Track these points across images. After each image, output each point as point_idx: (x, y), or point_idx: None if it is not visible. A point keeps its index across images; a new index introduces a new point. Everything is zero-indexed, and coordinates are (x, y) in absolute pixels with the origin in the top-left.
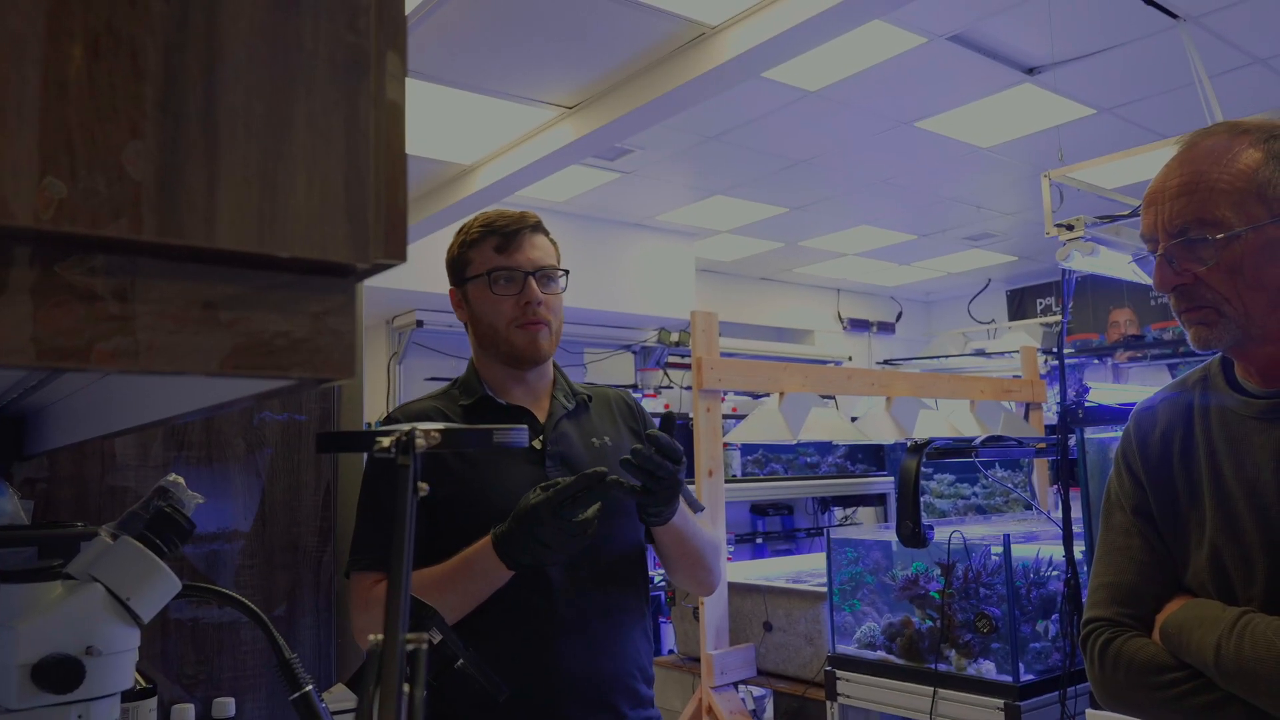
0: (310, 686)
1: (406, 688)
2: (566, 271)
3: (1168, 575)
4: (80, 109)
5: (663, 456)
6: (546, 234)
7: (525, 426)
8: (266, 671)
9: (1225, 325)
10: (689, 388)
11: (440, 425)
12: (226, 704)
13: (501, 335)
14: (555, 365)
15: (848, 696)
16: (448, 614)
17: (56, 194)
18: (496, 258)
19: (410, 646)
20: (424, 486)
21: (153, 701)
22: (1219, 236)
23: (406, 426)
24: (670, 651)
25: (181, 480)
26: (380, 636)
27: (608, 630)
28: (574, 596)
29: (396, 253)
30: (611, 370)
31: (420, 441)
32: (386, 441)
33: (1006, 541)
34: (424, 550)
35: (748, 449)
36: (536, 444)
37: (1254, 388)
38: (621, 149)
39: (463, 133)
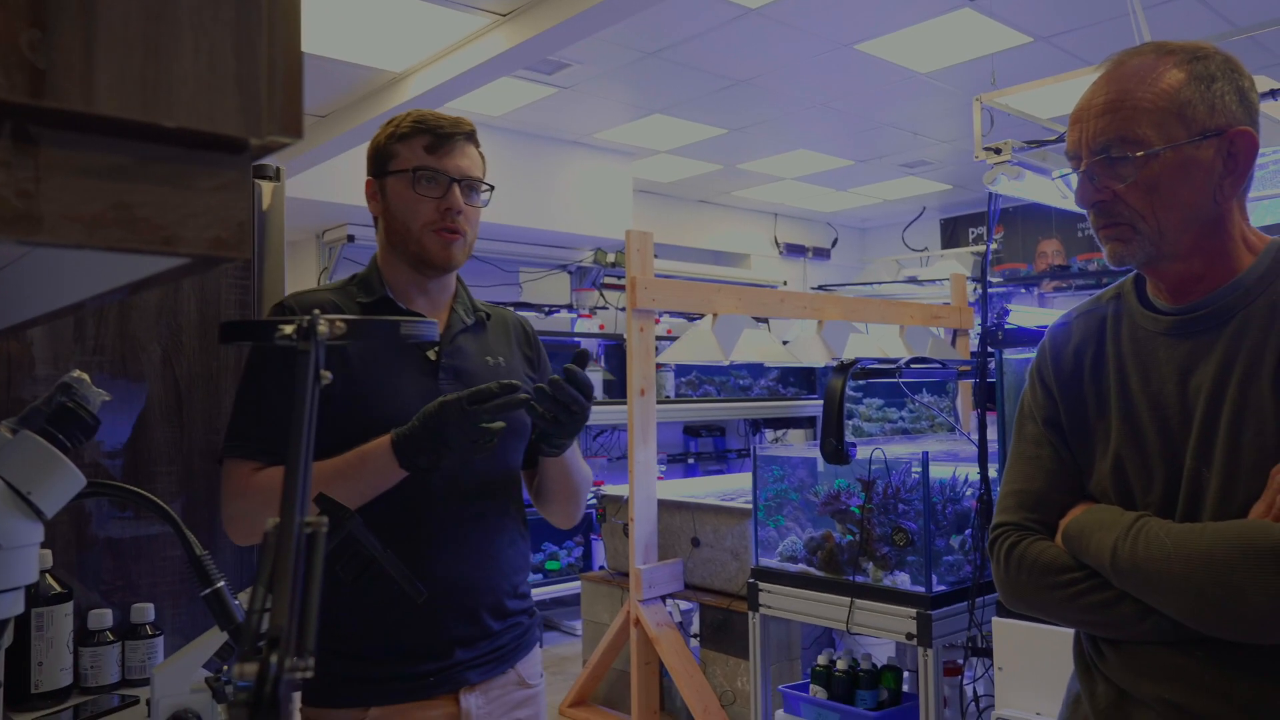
0: (222, 583)
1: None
2: (491, 187)
3: (1074, 483)
4: None
5: (576, 390)
6: (478, 146)
7: (435, 321)
8: (186, 580)
9: (1139, 242)
10: (624, 309)
11: (345, 316)
12: (145, 609)
13: (414, 236)
14: (459, 278)
15: (769, 607)
16: None
17: None
18: (425, 157)
19: (309, 530)
20: (327, 375)
21: (68, 606)
22: (1138, 154)
23: (309, 315)
24: (600, 567)
25: (86, 376)
26: (278, 520)
27: (480, 542)
28: (451, 505)
29: (292, 129)
30: (547, 290)
31: (323, 328)
32: (289, 329)
33: (925, 459)
34: None
35: (681, 370)
36: (431, 355)
37: (1164, 305)
38: (559, 63)
39: (392, 37)
